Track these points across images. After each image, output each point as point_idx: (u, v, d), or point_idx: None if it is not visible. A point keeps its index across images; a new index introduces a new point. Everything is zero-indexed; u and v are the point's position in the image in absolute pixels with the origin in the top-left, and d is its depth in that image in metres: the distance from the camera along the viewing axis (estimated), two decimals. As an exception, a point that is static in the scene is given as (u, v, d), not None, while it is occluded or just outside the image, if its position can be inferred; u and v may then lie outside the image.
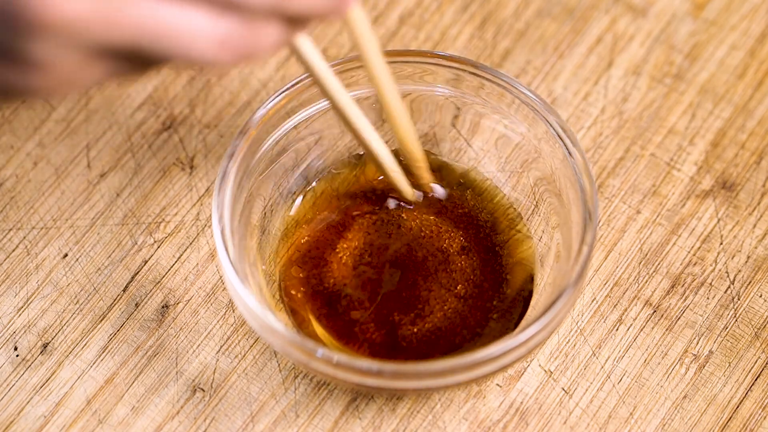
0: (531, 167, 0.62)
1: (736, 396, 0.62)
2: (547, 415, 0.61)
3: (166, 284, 0.64)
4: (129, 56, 0.42)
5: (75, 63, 0.42)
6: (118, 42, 0.41)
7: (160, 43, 0.42)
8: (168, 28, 0.41)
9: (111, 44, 0.41)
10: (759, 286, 0.64)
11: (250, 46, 0.43)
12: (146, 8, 0.41)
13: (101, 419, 0.61)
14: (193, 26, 0.42)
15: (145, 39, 0.41)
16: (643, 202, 0.66)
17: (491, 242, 0.62)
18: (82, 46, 0.41)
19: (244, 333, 0.63)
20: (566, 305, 0.56)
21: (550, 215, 0.61)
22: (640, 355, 0.62)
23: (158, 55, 0.42)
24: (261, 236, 0.62)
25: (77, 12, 0.40)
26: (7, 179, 0.66)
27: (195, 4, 0.41)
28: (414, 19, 0.71)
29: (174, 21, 0.41)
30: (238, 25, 0.42)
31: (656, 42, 0.70)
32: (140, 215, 0.65)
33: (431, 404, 0.61)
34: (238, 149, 0.58)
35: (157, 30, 0.41)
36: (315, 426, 0.61)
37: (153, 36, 0.41)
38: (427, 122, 0.64)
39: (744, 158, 0.67)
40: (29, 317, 0.63)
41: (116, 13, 0.41)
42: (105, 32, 0.41)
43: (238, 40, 0.43)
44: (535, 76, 0.69)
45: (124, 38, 0.41)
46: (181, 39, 0.42)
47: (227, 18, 0.42)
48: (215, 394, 0.61)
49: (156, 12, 0.41)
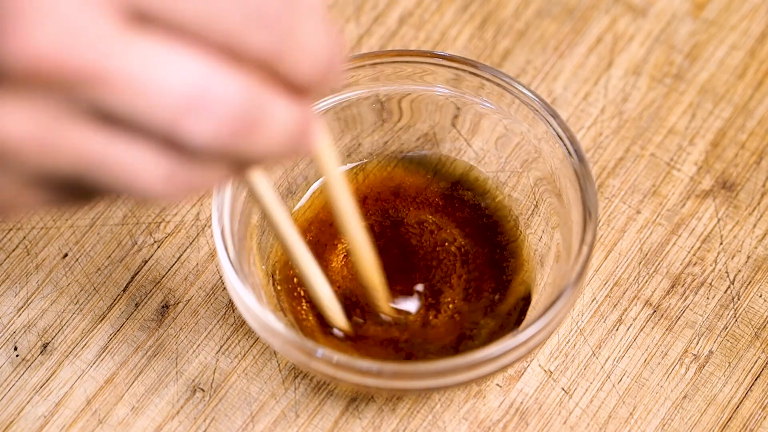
0: (531, 167, 0.62)
1: (736, 396, 0.62)
2: (547, 415, 0.61)
3: (166, 284, 0.64)
4: (69, 186, 0.40)
5: (10, 189, 0.40)
6: (57, 171, 0.39)
7: (101, 176, 0.39)
8: (110, 161, 0.39)
9: (50, 173, 0.39)
10: (759, 286, 0.64)
11: (197, 184, 0.41)
12: (89, 140, 0.39)
13: (101, 419, 0.61)
14: (136, 161, 0.39)
15: (85, 170, 0.39)
16: (643, 202, 0.66)
17: (491, 242, 0.62)
18: (16, 173, 0.39)
19: (244, 333, 0.63)
20: (566, 305, 0.56)
21: (550, 215, 0.61)
22: (640, 355, 0.62)
23: (99, 187, 0.40)
24: (261, 236, 0.62)
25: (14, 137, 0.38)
26: (7, 179, 0.66)
27: (140, 140, 0.39)
28: (414, 19, 0.71)
29: (117, 154, 0.39)
30: (184, 164, 0.40)
31: (656, 42, 0.70)
32: (140, 215, 0.65)
33: (431, 404, 0.61)
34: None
35: (98, 162, 0.39)
36: (315, 426, 0.61)
37: (94, 168, 0.39)
38: (427, 122, 0.64)
39: (744, 158, 0.67)
40: (29, 317, 0.63)
41: (57, 142, 0.38)
42: (43, 160, 0.39)
43: (183, 178, 0.40)
44: (535, 76, 0.69)
45: (63, 168, 0.39)
46: (123, 173, 0.39)
47: (172, 156, 0.40)
48: (215, 394, 0.61)
49: (99, 144, 0.39)
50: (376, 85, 0.62)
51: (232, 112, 0.39)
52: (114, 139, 0.39)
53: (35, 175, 0.39)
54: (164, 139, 0.39)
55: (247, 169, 0.42)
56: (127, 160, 0.39)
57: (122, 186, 0.40)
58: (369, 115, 0.63)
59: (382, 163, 0.64)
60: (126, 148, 0.39)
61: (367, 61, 0.60)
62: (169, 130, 0.39)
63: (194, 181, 0.41)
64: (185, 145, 0.39)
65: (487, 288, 0.61)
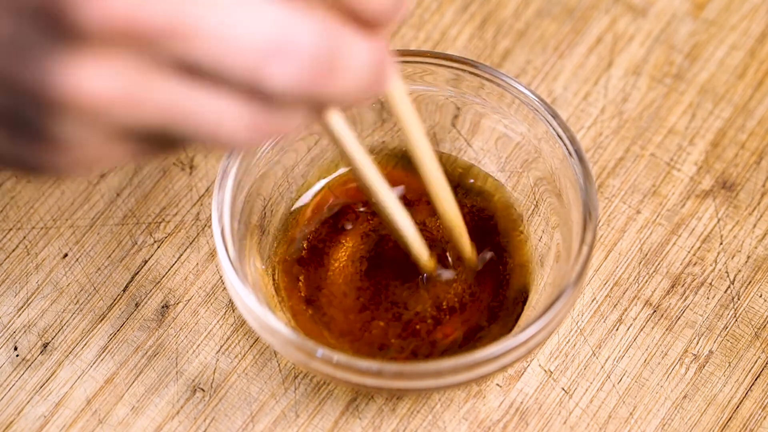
0: (531, 167, 0.62)
1: (736, 396, 0.62)
2: (547, 415, 0.61)
3: (166, 284, 0.64)
4: (153, 138, 0.41)
5: (98, 144, 0.41)
6: (144, 125, 0.41)
7: (187, 127, 0.41)
8: (195, 111, 0.40)
9: (136, 127, 0.41)
10: (759, 286, 0.64)
11: (278, 129, 0.42)
12: (174, 92, 0.40)
13: (101, 419, 0.61)
14: (220, 110, 0.41)
15: (172, 122, 0.41)
16: (643, 202, 0.66)
17: (491, 242, 0.62)
18: (105, 127, 0.40)
19: (244, 333, 0.63)
20: (566, 305, 0.56)
21: (550, 215, 0.61)
22: (640, 355, 0.62)
23: (184, 138, 0.41)
24: (261, 236, 0.62)
25: (102, 93, 0.39)
26: (7, 179, 0.66)
27: (222, 89, 0.40)
28: (414, 19, 0.71)
29: (201, 104, 0.40)
30: (266, 110, 0.41)
31: (656, 42, 0.70)
32: (140, 215, 0.65)
33: (431, 404, 0.61)
34: (237, 151, 0.58)
35: (184, 114, 0.40)
36: (315, 426, 0.61)
37: (180, 119, 0.40)
38: (427, 122, 0.64)
39: (744, 158, 0.67)
40: (29, 317, 0.63)
41: (144, 96, 0.40)
42: (131, 115, 0.40)
43: (265, 124, 0.41)
44: (535, 76, 0.69)
45: (150, 121, 0.40)
46: (208, 123, 0.41)
47: (254, 103, 0.41)
48: (215, 394, 0.61)
49: (184, 96, 0.40)
50: (376, 85, 0.62)
51: (312, 55, 0.40)
52: (198, 90, 0.40)
53: (123, 129, 0.41)
54: (247, 87, 0.40)
55: (325, 111, 0.43)
56: (212, 110, 0.40)
57: (207, 135, 0.41)
58: (369, 115, 0.63)
59: (382, 163, 0.64)
60: (210, 98, 0.40)
61: (367, 61, 0.60)
62: (251, 77, 0.40)
63: (276, 128, 0.42)
64: (268, 91, 0.40)
65: (486, 288, 0.61)
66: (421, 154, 0.54)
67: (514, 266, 0.62)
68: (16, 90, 0.40)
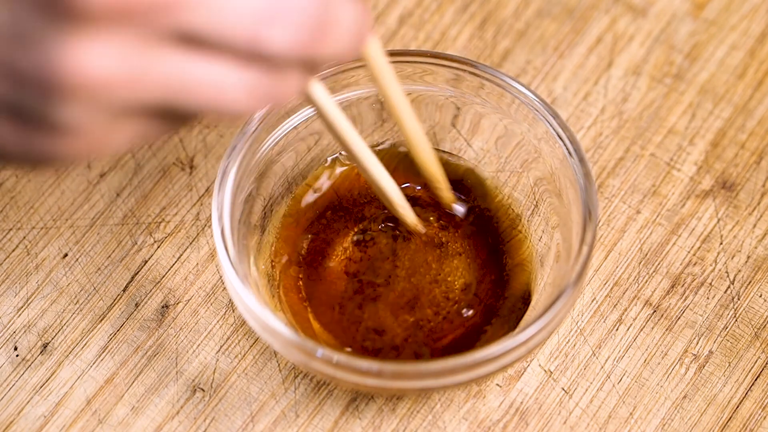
0: (531, 167, 0.62)
1: (736, 396, 0.62)
2: (547, 415, 0.61)
3: (166, 284, 0.64)
4: (159, 114, 0.42)
5: (104, 126, 0.41)
6: (148, 101, 0.41)
7: (189, 98, 0.41)
8: (196, 82, 0.41)
9: (140, 104, 0.41)
10: (759, 286, 0.64)
11: (277, 93, 0.43)
12: (175, 64, 0.41)
13: (101, 419, 0.61)
14: (220, 79, 0.42)
15: (174, 95, 0.41)
16: (643, 202, 0.66)
17: (491, 242, 0.62)
18: (110, 107, 0.41)
19: (244, 333, 0.63)
20: (566, 305, 0.56)
21: (550, 215, 0.61)
22: (640, 355, 0.62)
23: (188, 110, 0.42)
24: (261, 236, 0.62)
25: (103, 72, 0.39)
26: (7, 179, 0.66)
27: (221, 57, 0.41)
28: (414, 19, 0.71)
29: (202, 75, 0.41)
30: (265, 74, 0.42)
31: (656, 42, 0.70)
32: (140, 215, 0.65)
33: (431, 404, 0.61)
34: (237, 149, 0.58)
35: (185, 85, 0.41)
36: (315, 426, 0.61)
37: (182, 91, 0.41)
38: (427, 122, 0.64)
39: (744, 158, 0.67)
40: (29, 317, 0.63)
41: (142, 72, 0.40)
42: (134, 92, 0.40)
43: (265, 88, 0.43)
44: (535, 76, 0.69)
45: (153, 96, 0.41)
46: (209, 92, 0.42)
47: (254, 68, 0.42)
48: (215, 394, 0.61)
49: (184, 67, 0.41)
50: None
51: (307, 17, 0.42)
52: (198, 60, 0.41)
53: (127, 108, 0.41)
54: (246, 51, 0.41)
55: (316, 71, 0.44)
56: (213, 78, 0.41)
57: (210, 105, 0.42)
58: (369, 115, 0.63)
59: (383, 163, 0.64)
60: (210, 67, 0.41)
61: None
62: (250, 42, 0.41)
63: (274, 91, 0.43)
64: (267, 53, 0.42)
65: (486, 288, 0.61)
66: (395, 102, 0.55)
67: (514, 266, 0.62)
68: (17, 77, 0.40)
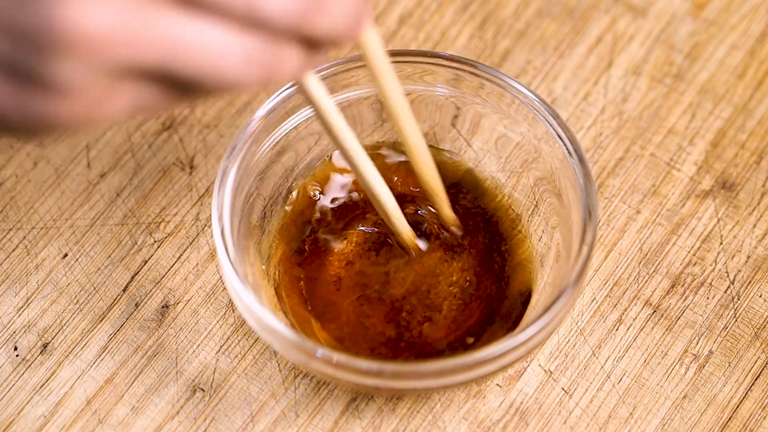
0: (531, 167, 0.62)
1: (736, 396, 0.62)
2: (547, 415, 0.61)
3: (166, 284, 0.64)
4: (156, 79, 0.42)
5: (101, 87, 0.41)
6: (144, 60, 0.41)
7: (186, 61, 0.42)
8: (193, 44, 0.41)
9: (136, 63, 0.41)
10: (759, 286, 0.64)
11: (274, 64, 0.43)
12: (171, 25, 0.41)
13: (101, 419, 0.61)
14: (218, 42, 0.42)
15: (171, 57, 0.41)
16: (643, 202, 0.66)
17: (491, 242, 0.62)
18: (107, 66, 0.41)
19: (244, 333, 0.63)
20: (566, 305, 0.56)
21: (550, 215, 0.61)
22: (640, 355, 0.62)
23: (185, 75, 0.42)
24: (261, 236, 0.62)
25: (101, 28, 0.40)
26: (7, 179, 0.66)
27: (219, 21, 0.42)
28: (414, 19, 0.71)
29: (199, 37, 0.41)
30: (262, 42, 0.43)
31: (656, 42, 0.70)
32: (140, 215, 0.65)
33: (431, 404, 0.61)
34: (237, 149, 0.58)
35: (182, 47, 0.41)
36: (315, 426, 0.61)
37: (178, 54, 0.41)
38: (427, 122, 0.64)
39: (744, 158, 0.67)
40: (29, 317, 0.63)
41: (141, 30, 0.40)
42: (130, 50, 0.40)
43: (262, 56, 0.43)
44: (535, 76, 0.69)
45: (149, 56, 0.41)
46: (206, 55, 0.42)
47: (251, 34, 0.42)
48: (215, 394, 0.61)
49: (181, 28, 0.41)
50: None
51: None
52: (196, 22, 0.41)
53: (124, 68, 0.41)
54: (243, 15, 0.42)
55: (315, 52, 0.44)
56: (210, 42, 0.42)
57: (207, 69, 0.42)
58: (369, 115, 0.63)
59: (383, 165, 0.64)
60: (207, 30, 0.41)
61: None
62: (247, 3, 0.41)
63: (272, 62, 0.43)
64: (262, 17, 0.42)
65: (486, 288, 0.61)
66: (400, 115, 0.55)
67: (514, 266, 0.62)
68: (16, 33, 0.40)
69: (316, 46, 0.44)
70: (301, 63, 0.45)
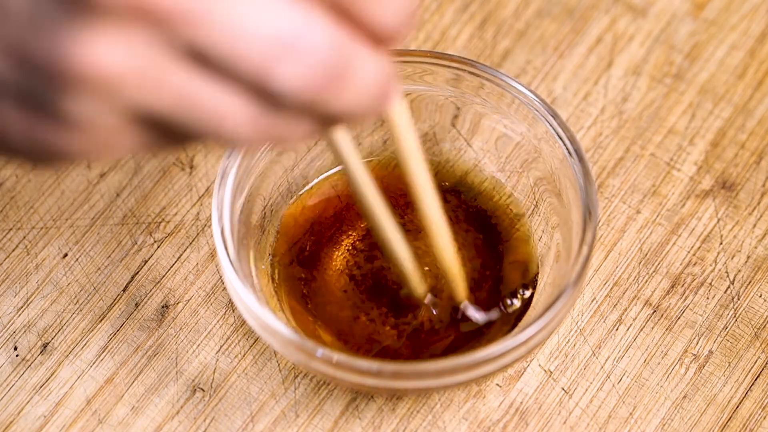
0: (531, 167, 0.62)
1: (736, 396, 0.62)
2: (547, 415, 0.61)
3: (166, 284, 0.64)
4: (162, 126, 0.42)
5: (110, 125, 0.41)
6: (152, 109, 0.41)
7: (191, 116, 0.41)
8: (201, 102, 0.41)
9: (145, 110, 0.41)
10: (759, 286, 0.64)
11: (282, 133, 0.42)
12: (183, 79, 0.40)
13: (101, 419, 0.61)
14: (226, 104, 0.41)
15: (178, 110, 0.41)
16: (643, 202, 0.66)
17: (491, 242, 0.62)
18: (117, 106, 0.40)
19: (244, 333, 0.63)
20: (566, 305, 0.56)
21: (550, 215, 0.61)
22: (639, 355, 0.62)
23: (189, 127, 0.41)
24: (261, 236, 0.62)
25: (116, 69, 0.39)
26: (7, 179, 0.66)
27: (231, 83, 0.40)
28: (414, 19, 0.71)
29: (207, 96, 0.40)
30: (271, 112, 0.41)
31: (656, 42, 0.70)
32: (140, 215, 0.65)
33: (431, 404, 0.61)
34: (237, 149, 0.58)
35: (190, 102, 0.41)
36: (315, 426, 0.61)
37: (185, 108, 0.41)
38: (427, 122, 0.64)
39: (744, 158, 0.67)
40: (29, 317, 0.63)
41: (153, 78, 0.40)
42: (140, 95, 0.40)
43: (268, 126, 0.41)
44: (535, 76, 0.69)
45: (157, 105, 0.41)
46: (212, 115, 0.41)
47: (260, 102, 0.41)
48: (215, 394, 0.61)
49: (191, 84, 0.40)
50: (376, 85, 0.62)
51: (322, 61, 0.40)
52: (207, 81, 0.40)
53: (132, 111, 0.41)
54: (254, 83, 0.40)
55: (330, 125, 0.42)
56: (218, 102, 0.41)
57: (210, 128, 0.41)
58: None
59: (383, 163, 0.64)
60: (217, 90, 0.40)
61: (367, 61, 0.60)
62: (260, 74, 0.40)
63: (279, 131, 0.42)
64: (274, 90, 0.40)
65: (486, 288, 0.61)
66: (421, 194, 0.52)
67: (514, 266, 0.62)
68: (30, 62, 0.40)
69: (332, 121, 0.42)
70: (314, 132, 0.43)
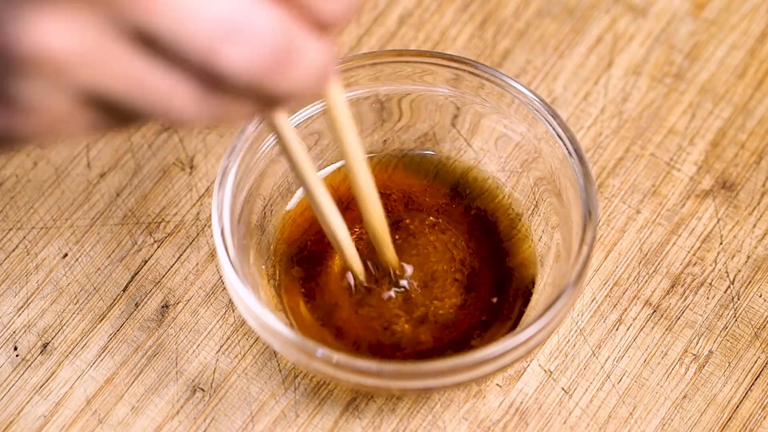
0: (531, 167, 0.62)
1: (736, 396, 0.62)
2: (547, 415, 0.61)
3: (166, 284, 0.64)
4: (111, 107, 0.42)
5: (60, 107, 0.41)
6: (101, 90, 0.41)
7: (140, 96, 0.41)
8: (148, 84, 0.41)
9: (94, 91, 0.41)
10: (759, 286, 0.64)
11: (225, 114, 0.43)
12: (130, 61, 0.41)
13: (101, 419, 0.61)
14: (172, 86, 0.41)
15: (125, 91, 0.41)
16: (643, 202, 0.66)
17: (491, 242, 0.62)
18: (67, 88, 0.41)
19: (244, 333, 0.63)
20: (566, 305, 0.56)
21: (550, 215, 0.61)
22: (639, 355, 0.62)
23: (137, 108, 0.42)
24: (261, 236, 0.62)
25: (65, 50, 0.40)
26: (7, 179, 0.66)
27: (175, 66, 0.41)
28: (414, 19, 0.71)
29: (154, 77, 0.41)
30: (217, 94, 0.42)
31: (656, 42, 0.70)
32: (140, 215, 0.66)
33: (431, 404, 0.61)
34: (237, 149, 0.58)
35: (137, 84, 0.41)
36: (315, 426, 0.61)
37: (132, 90, 0.41)
38: (427, 122, 0.64)
39: (744, 158, 0.67)
40: (29, 317, 0.63)
41: (102, 60, 0.40)
42: (88, 76, 0.40)
43: (214, 107, 0.42)
44: (535, 76, 0.69)
45: (106, 87, 0.41)
46: (159, 97, 0.41)
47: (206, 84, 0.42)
48: (215, 394, 0.61)
49: (139, 66, 0.41)
50: (376, 85, 0.62)
51: (268, 44, 0.41)
52: (154, 62, 0.41)
53: (82, 92, 0.41)
54: (200, 65, 0.41)
55: (273, 107, 0.43)
56: (164, 84, 0.41)
57: (157, 109, 0.42)
58: (369, 115, 0.63)
59: (383, 163, 0.64)
60: (164, 73, 0.41)
61: (366, 61, 0.60)
62: (205, 56, 0.40)
63: (224, 111, 0.42)
64: (220, 72, 0.41)
65: (486, 288, 0.61)
66: (352, 161, 0.53)
67: (514, 265, 0.62)
68: None
69: (275, 103, 0.43)
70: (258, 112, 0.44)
